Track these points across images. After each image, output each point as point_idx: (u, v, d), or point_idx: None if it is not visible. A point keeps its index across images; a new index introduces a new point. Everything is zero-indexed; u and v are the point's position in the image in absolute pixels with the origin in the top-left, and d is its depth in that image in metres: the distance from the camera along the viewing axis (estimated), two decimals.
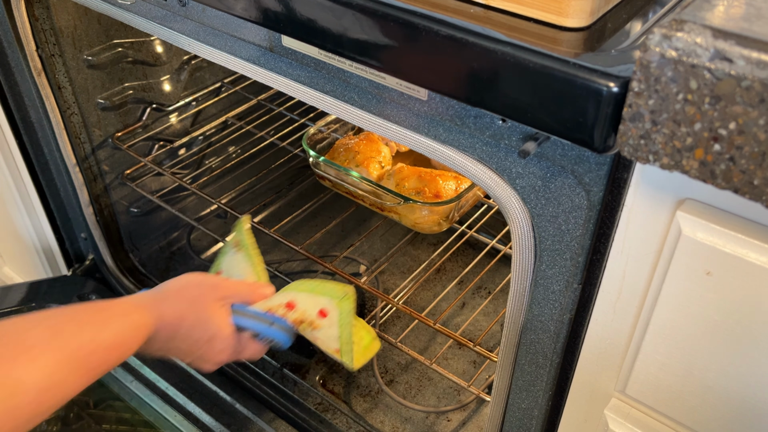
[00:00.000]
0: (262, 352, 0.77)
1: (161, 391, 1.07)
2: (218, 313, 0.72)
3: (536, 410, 0.67)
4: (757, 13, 0.39)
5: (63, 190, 1.13)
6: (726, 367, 0.48)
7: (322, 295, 0.76)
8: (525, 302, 0.60)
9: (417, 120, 0.58)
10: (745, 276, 0.44)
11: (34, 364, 0.53)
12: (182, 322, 0.69)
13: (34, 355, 0.53)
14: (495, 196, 0.56)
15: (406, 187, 0.99)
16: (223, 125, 1.31)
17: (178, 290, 0.71)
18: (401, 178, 1.00)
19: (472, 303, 1.24)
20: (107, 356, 0.59)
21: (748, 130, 0.36)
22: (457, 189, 0.99)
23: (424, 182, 0.98)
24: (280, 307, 0.77)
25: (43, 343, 0.54)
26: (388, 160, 1.06)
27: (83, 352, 0.57)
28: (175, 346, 0.70)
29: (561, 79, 0.43)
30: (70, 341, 0.56)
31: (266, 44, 0.65)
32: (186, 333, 0.69)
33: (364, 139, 1.07)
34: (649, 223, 0.48)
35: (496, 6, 0.49)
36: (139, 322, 0.64)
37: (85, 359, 0.57)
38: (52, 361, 0.54)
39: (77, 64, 1.03)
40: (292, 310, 0.76)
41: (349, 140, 1.09)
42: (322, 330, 0.76)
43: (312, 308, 0.76)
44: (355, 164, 1.03)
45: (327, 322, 0.75)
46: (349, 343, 0.76)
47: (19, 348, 0.53)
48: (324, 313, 0.76)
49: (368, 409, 1.08)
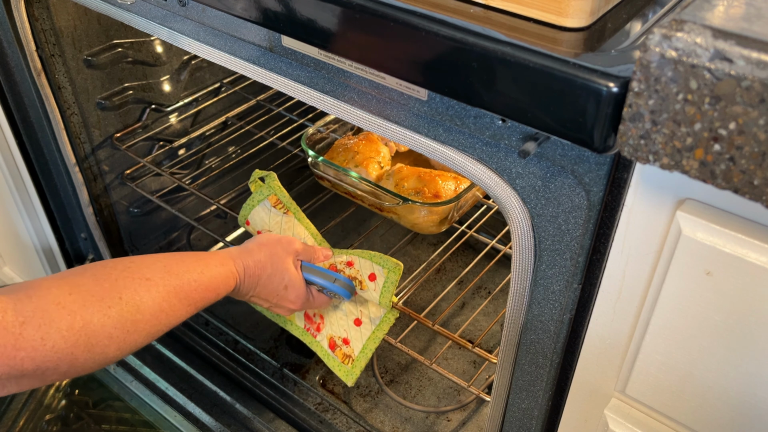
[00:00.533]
0: (328, 303, 0.89)
1: (161, 391, 1.07)
2: (291, 267, 0.84)
3: (536, 410, 0.67)
4: (757, 13, 0.39)
5: (63, 190, 1.13)
6: (726, 367, 0.48)
7: (377, 263, 0.87)
8: (525, 302, 0.60)
9: (417, 120, 0.58)
10: (745, 276, 0.44)
11: (151, 292, 0.66)
12: (263, 272, 0.81)
13: (151, 285, 0.67)
14: (495, 196, 0.56)
15: (405, 187, 0.99)
16: (223, 125, 1.31)
17: (259, 246, 0.83)
18: (400, 178, 1.00)
19: (472, 303, 1.24)
20: (206, 294, 0.72)
21: (748, 130, 0.36)
22: (456, 189, 0.98)
23: (423, 182, 0.98)
24: (342, 263, 0.89)
25: (158, 277, 0.68)
26: (387, 160, 1.06)
27: (188, 288, 0.70)
28: (257, 293, 0.82)
29: (561, 79, 0.43)
30: (179, 277, 0.70)
31: (266, 44, 0.65)
32: (266, 281, 0.82)
33: (363, 139, 1.07)
34: (649, 223, 0.48)
35: (495, 6, 0.49)
36: (230, 270, 0.77)
37: (189, 294, 0.70)
38: (164, 291, 0.67)
39: (77, 64, 1.03)
40: (351, 267, 0.89)
41: (348, 140, 1.09)
42: (367, 291, 0.87)
43: (366, 270, 0.88)
44: (354, 164, 1.03)
45: (373, 285, 0.87)
46: (380, 310, 0.89)
47: (140, 279, 0.66)
48: (373, 277, 0.87)
49: (368, 409, 1.08)
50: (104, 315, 0.62)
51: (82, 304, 0.61)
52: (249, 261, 0.80)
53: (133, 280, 0.66)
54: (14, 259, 1.38)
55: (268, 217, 0.95)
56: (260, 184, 0.97)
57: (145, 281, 0.67)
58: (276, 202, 0.95)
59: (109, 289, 0.64)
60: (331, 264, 0.89)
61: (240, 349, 1.16)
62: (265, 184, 0.96)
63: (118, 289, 0.64)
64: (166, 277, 0.69)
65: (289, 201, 0.95)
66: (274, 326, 1.21)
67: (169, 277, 0.69)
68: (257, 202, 0.96)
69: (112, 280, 0.65)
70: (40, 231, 1.22)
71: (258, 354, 1.14)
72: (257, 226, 0.96)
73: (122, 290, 0.64)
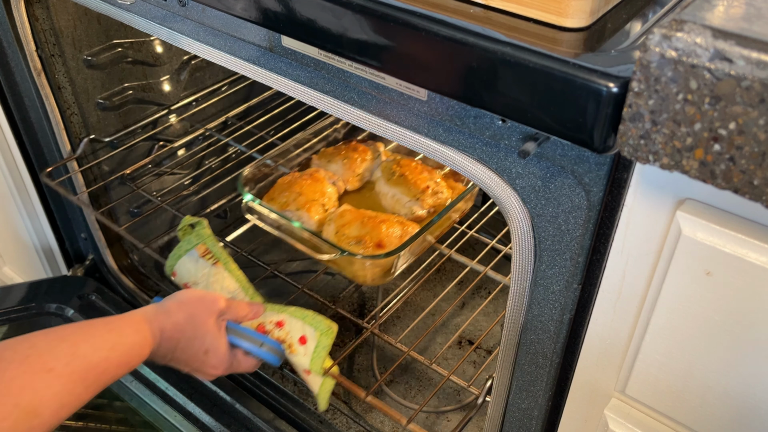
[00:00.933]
0: (255, 367, 0.83)
1: (161, 391, 1.07)
2: (214, 329, 0.76)
3: (536, 410, 0.67)
4: (757, 13, 0.38)
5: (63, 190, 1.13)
6: (726, 367, 0.48)
7: (310, 324, 0.82)
8: (525, 302, 0.60)
9: (417, 120, 0.58)
10: (745, 276, 0.44)
11: (53, 387, 0.58)
12: (181, 336, 0.73)
13: (53, 377, 0.58)
14: (495, 197, 0.56)
15: (346, 235, 0.93)
16: (223, 125, 1.31)
17: (179, 305, 0.75)
18: (342, 224, 0.94)
19: (472, 303, 1.24)
20: (117, 371, 0.65)
21: (748, 130, 0.36)
22: (402, 235, 0.92)
23: (366, 229, 0.92)
24: (271, 323, 0.82)
25: (62, 365, 0.59)
26: (333, 201, 1.02)
27: (97, 370, 0.62)
28: (175, 357, 0.75)
29: (561, 79, 0.43)
30: (86, 359, 0.61)
31: (266, 44, 0.65)
32: (185, 345, 0.74)
33: (308, 177, 1.02)
34: (649, 223, 0.48)
35: (495, 6, 0.49)
36: (145, 337, 0.69)
37: (98, 376, 0.62)
38: (68, 382, 0.59)
39: (77, 64, 1.03)
40: (281, 328, 0.81)
41: (293, 178, 1.02)
42: (297, 356, 0.82)
43: (297, 332, 0.82)
44: (296, 207, 0.97)
45: (303, 350, 0.81)
46: (317, 374, 0.83)
47: (41, 371, 0.58)
48: (304, 340, 0.81)
49: (368, 409, 1.08)
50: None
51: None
52: (167, 323, 0.72)
53: (33, 375, 0.57)
54: (14, 259, 1.38)
55: (195, 268, 0.89)
56: (189, 231, 0.91)
57: (46, 373, 0.57)
58: (205, 251, 0.89)
59: (3, 393, 0.55)
60: (259, 324, 0.82)
61: None
62: (195, 231, 0.90)
63: (14, 392, 0.55)
64: (72, 362, 0.60)
65: (220, 251, 0.89)
66: None
67: (75, 361, 0.60)
68: (184, 251, 0.90)
69: (7, 380, 0.55)
70: (40, 231, 1.22)
71: None
72: (183, 278, 0.90)
73: (19, 394, 0.55)
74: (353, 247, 0.91)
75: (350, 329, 1.21)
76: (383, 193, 1.07)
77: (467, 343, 1.17)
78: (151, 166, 1.21)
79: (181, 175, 1.26)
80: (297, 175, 1.04)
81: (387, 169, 1.09)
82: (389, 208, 1.05)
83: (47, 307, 1.14)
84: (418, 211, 1.02)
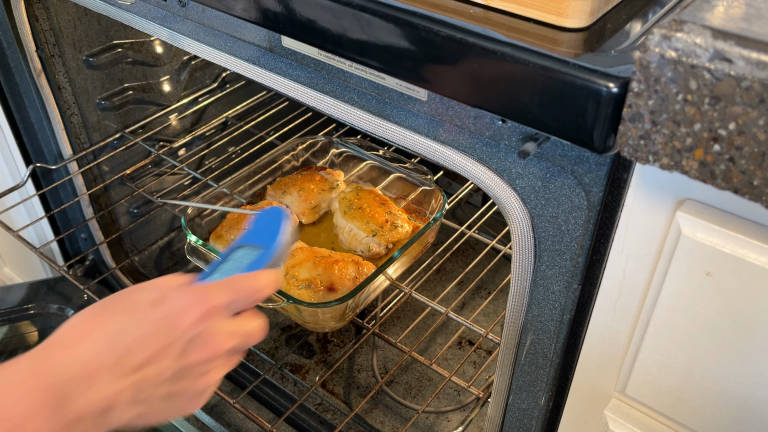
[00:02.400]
0: (265, 326, 0.52)
1: None
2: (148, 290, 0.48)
3: (536, 410, 0.67)
4: (757, 13, 0.39)
5: (63, 190, 1.13)
6: (726, 367, 0.48)
7: None
8: (525, 302, 0.60)
9: (417, 120, 0.58)
10: (745, 276, 0.44)
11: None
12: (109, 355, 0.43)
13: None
14: (495, 197, 0.56)
15: (296, 277, 0.87)
16: (223, 125, 1.31)
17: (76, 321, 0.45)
18: (292, 264, 0.88)
19: (472, 303, 1.24)
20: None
21: (748, 130, 0.36)
22: (357, 277, 0.86)
23: (318, 270, 0.86)
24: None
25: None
26: None
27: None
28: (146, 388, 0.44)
29: (561, 79, 0.43)
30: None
31: (266, 45, 0.65)
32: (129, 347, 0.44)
33: None
34: (649, 223, 0.48)
35: (495, 6, 0.49)
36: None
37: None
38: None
39: (77, 64, 1.03)
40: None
41: (242, 215, 0.94)
42: None
43: None
44: None
45: None
46: None
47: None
48: None
49: (368, 409, 1.08)
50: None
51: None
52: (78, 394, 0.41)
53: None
54: (14, 259, 1.38)
55: None
56: None
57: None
58: None
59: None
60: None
61: None
62: None
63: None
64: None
65: None
66: (273, 326, 1.21)
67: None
68: None
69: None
70: (40, 231, 1.22)
71: (258, 354, 1.14)
72: None
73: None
74: (302, 291, 0.86)
75: (350, 329, 1.21)
76: (340, 226, 1.01)
77: (467, 344, 1.17)
78: (151, 167, 1.21)
79: (181, 175, 1.26)
80: (248, 209, 0.96)
81: (344, 200, 1.02)
82: (346, 244, 1.00)
83: (48, 308, 1.14)
84: (376, 248, 0.97)
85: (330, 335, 1.20)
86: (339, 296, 0.85)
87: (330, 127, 1.37)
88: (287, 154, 1.13)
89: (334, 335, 1.20)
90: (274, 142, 1.25)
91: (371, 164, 1.13)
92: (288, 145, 1.13)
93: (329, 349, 1.17)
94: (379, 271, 0.87)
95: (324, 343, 1.18)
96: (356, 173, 1.15)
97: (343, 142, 1.15)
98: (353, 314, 0.90)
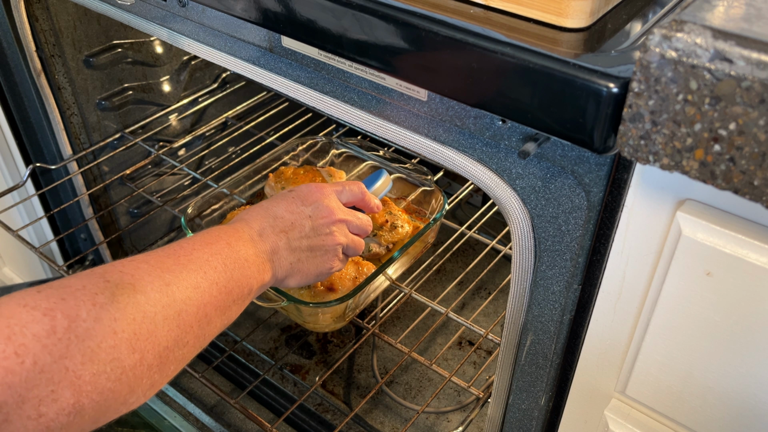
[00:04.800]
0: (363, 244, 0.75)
1: (161, 392, 1.07)
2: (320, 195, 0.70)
3: (536, 411, 0.67)
4: (757, 13, 0.38)
5: (63, 190, 1.13)
6: (726, 368, 0.48)
7: None
8: (525, 303, 0.60)
9: (417, 120, 0.58)
10: (745, 276, 0.44)
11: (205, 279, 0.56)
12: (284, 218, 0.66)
13: (203, 273, 0.56)
14: (495, 197, 0.56)
15: None
16: (223, 125, 1.31)
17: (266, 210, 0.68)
18: None
19: (472, 304, 1.24)
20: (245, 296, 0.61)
21: (748, 130, 0.36)
22: (357, 277, 0.86)
23: None
24: None
25: (206, 266, 0.56)
26: None
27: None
28: (296, 246, 0.66)
29: (561, 79, 0.43)
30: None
31: (266, 45, 0.65)
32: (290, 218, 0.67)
33: None
34: (649, 223, 0.48)
35: (495, 6, 0.49)
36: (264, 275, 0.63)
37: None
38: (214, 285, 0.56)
39: (77, 64, 1.03)
40: None
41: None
42: None
43: None
44: None
45: None
46: None
47: (190, 266, 0.56)
48: None
49: (368, 410, 1.08)
50: None
51: None
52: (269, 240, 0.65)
53: (182, 271, 0.55)
54: (14, 259, 1.38)
55: None
56: None
57: (198, 269, 0.56)
58: None
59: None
60: None
61: (240, 349, 1.16)
62: None
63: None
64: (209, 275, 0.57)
65: None
66: (273, 326, 1.21)
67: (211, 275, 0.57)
68: None
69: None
70: (39, 231, 1.22)
71: (258, 354, 1.14)
72: None
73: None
74: (302, 291, 0.86)
75: (350, 329, 1.21)
76: None
77: (467, 344, 1.17)
78: (151, 167, 1.21)
79: (181, 175, 1.26)
80: (247, 208, 0.97)
81: None
82: None
83: None
84: (376, 248, 0.97)
85: (330, 335, 1.20)
86: (339, 296, 0.85)
87: (330, 127, 1.37)
88: (287, 155, 1.13)
89: (334, 335, 1.20)
90: (274, 143, 1.25)
91: (371, 164, 1.13)
92: (288, 145, 1.13)
93: (329, 350, 1.17)
94: (379, 271, 0.87)
95: (324, 344, 1.18)
96: (356, 173, 1.15)
97: (343, 143, 1.15)
98: (353, 314, 0.90)
